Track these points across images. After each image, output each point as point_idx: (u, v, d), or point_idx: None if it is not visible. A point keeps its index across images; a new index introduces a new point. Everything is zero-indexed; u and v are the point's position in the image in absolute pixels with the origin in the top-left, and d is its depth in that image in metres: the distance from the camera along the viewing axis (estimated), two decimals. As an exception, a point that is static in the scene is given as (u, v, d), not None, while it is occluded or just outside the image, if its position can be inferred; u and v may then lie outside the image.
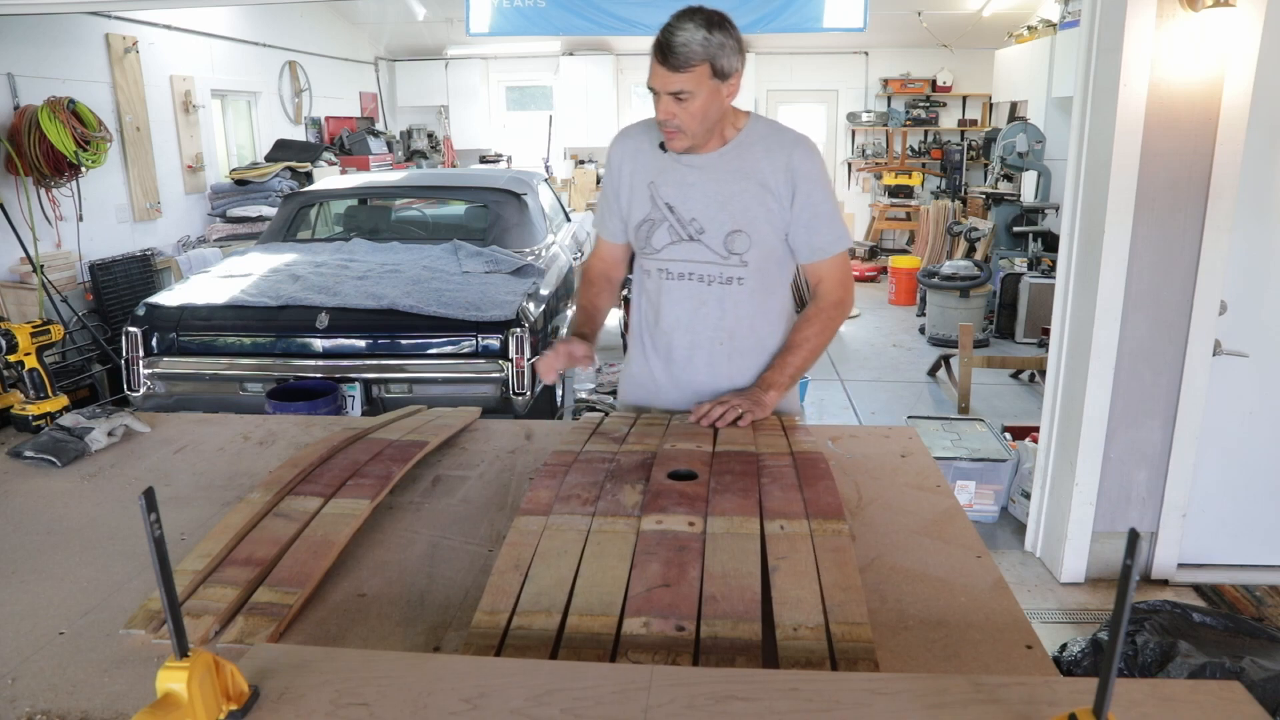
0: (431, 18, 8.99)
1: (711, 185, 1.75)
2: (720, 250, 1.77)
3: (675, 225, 1.78)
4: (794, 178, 1.74)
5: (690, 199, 1.76)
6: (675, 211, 1.78)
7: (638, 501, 1.31)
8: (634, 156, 1.83)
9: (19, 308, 4.75)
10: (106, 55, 5.65)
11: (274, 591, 1.13)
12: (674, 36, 1.60)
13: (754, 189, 1.74)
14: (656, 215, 1.79)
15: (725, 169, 1.75)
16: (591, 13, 5.69)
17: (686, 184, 1.76)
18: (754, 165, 1.74)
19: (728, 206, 1.75)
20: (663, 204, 1.78)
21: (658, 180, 1.78)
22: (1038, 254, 6.81)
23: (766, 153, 1.75)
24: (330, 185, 5.36)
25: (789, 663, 0.95)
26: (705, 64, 1.62)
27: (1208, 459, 3.02)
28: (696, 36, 1.60)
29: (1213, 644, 2.29)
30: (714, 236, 1.76)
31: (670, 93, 1.63)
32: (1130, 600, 0.69)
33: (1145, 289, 2.85)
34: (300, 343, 3.64)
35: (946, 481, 1.54)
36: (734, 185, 1.75)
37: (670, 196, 1.77)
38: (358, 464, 1.50)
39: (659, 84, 1.64)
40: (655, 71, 1.63)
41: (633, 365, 1.97)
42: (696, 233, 1.77)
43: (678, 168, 1.77)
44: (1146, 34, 2.66)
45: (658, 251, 1.81)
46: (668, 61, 1.60)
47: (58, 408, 1.83)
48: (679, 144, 1.71)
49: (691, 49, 1.60)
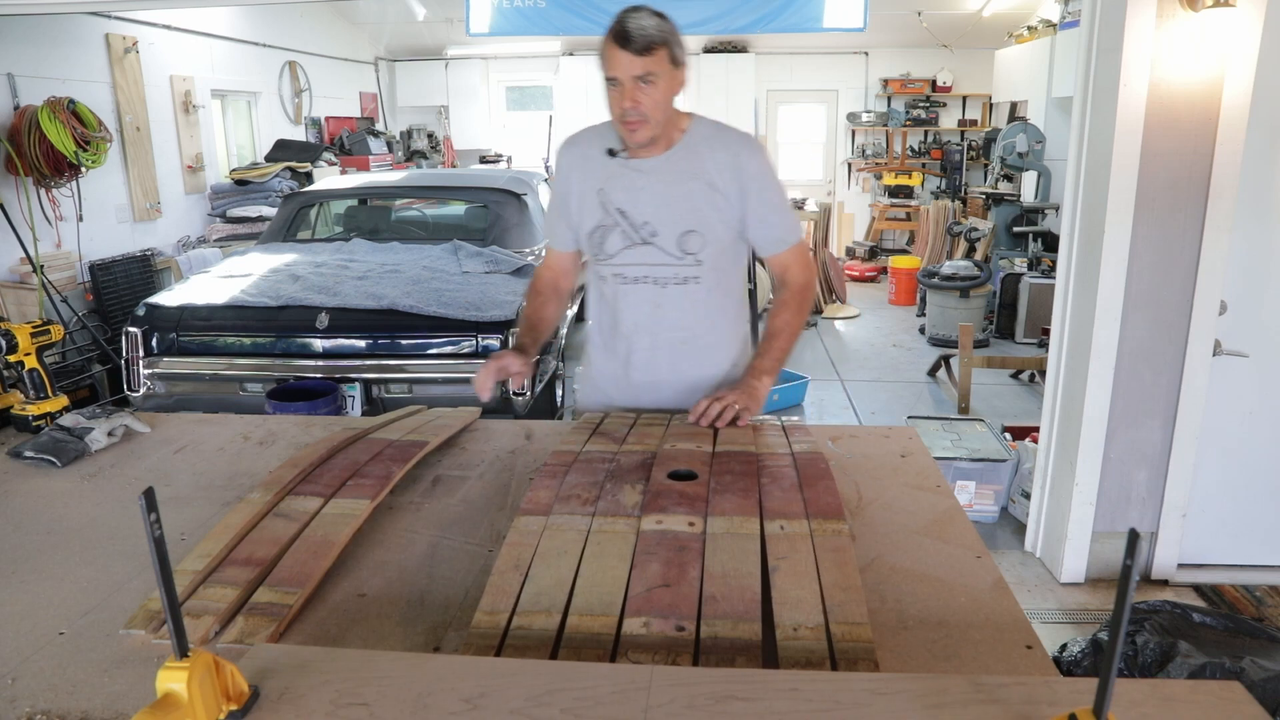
0: (431, 18, 8.99)
1: (661, 187, 1.77)
2: (674, 251, 1.79)
3: (628, 230, 1.80)
4: (742, 176, 1.77)
5: (641, 203, 1.78)
6: (627, 216, 1.79)
7: (638, 501, 1.31)
8: (581, 164, 1.84)
9: (19, 308, 4.75)
10: (106, 55, 5.65)
11: (274, 591, 1.13)
12: (630, 23, 1.62)
13: (703, 188, 1.77)
14: (608, 221, 1.80)
15: (674, 170, 1.77)
16: (591, 13, 5.70)
17: (636, 188, 1.78)
18: (701, 165, 1.77)
19: (679, 207, 1.77)
20: (614, 209, 1.80)
21: (607, 186, 1.80)
22: (1038, 254, 6.81)
23: (712, 152, 1.78)
24: (330, 185, 5.36)
25: (789, 663, 0.95)
26: (664, 48, 1.65)
27: (1208, 459, 3.02)
28: (651, 22, 1.64)
29: (1213, 644, 2.29)
30: (667, 238, 1.78)
31: (635, 77, 1.64)
32: (1130, 600, 0.69)
33: (1145, 289, 2.85)
34: (300, 343, 3.64)
35: (946, 481, 1.54)
36: (684, 186, 1.77)
37: (621, 202, 1.79)
38: (358, 464, 1.50)
39: (623, 70, 1.64)
40: (616, 59, 1.64)
41: (593, 369, 2.00)
42: (649, 236, 1.79)
43: (626, 173, 1.79)
44: (1146, 34, 2.66)
45: (612, 257, 1.82)
46: (630, 45, 1.62)
47: (58, 408, 1.83)
48: (643, 134, 1.70)
49: (650, 33, 1.63)
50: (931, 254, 8.78)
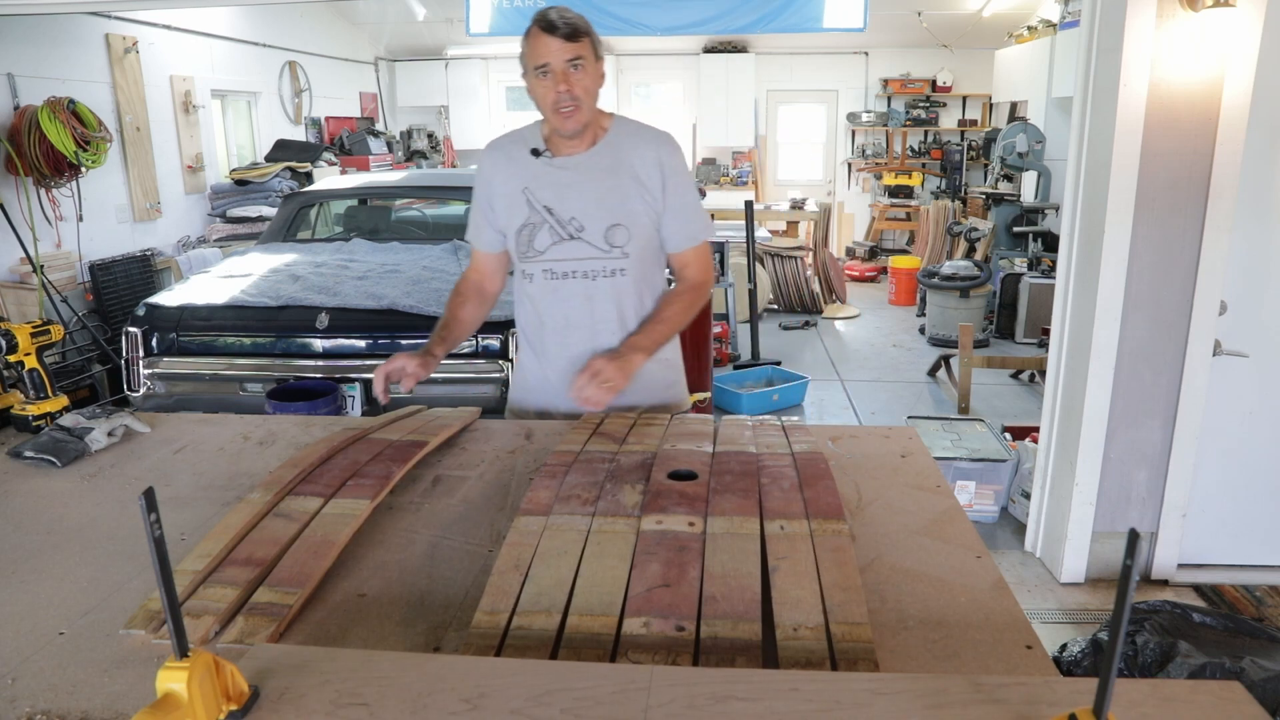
0: (431, 18, 8.99)
1: (587, 183, 1.83)
2: (602, 245, 1.84)
3: (555, 226, 1.84)
4: (664, 171, 1.84)
5: (567, 199, 1.83)
6: (554, 213, 1.84)
7: (638, 501, 1.31)
8: (505, 165, 1.89)
9: (19, 308, 4.75)
10: (106, 55, 5.65)
11: (274, 591, 1.13)
12: (553, 14, 1.71)
13: (628, 183, 1.83)
14: (536, 219, 1.85)
15: (598, 166, 1.84)
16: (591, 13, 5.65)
17: (562, 184, 1.84)
18: (624, 160, 1.83)
19: (605, 201, 1.83)
20: (540, 207, 1.84)
21: (532, 185, 1.85)
22: (1038, 254, 6.82)
23: (634, 148, 1.85)
24: (330, 185, 5.36)
25: (789, 663, 0.95)
26: (588, 36, 1.74)
27: (1208, 459, 3.02)
28: (573, 14, 1.73)
29: (1213, 644, 2.29)
30: (594, 232, 1.83)
31: (566, 61, 1.71)
32: (1130, 600, 0.69)
33: (1145, 289, 2.85)
34: (300, 343, 3.64)
35: (946, 482, 1.54)
36: (608, 181, 1.83)
37: (547, 199, 1.84)
38: (358, 464, 1.50)
39: (553, 56, 1.70)
40: (545, 46, 1.71)
41: (525, 371, 2.03)
42: (577, 231, 1.84)
43: (551, 170, 1.85)
44: (1146, 34, 2.66)
45: (541, 253, 1.87)
46: (557, 32, 1.69)
47: (58, 408, 1.83)
48: (576, 120, 1.77)
49: (574, 21, 1.72)
50: (931, 254, 8.78)
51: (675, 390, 2.05)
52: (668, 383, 2.02)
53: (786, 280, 7.59)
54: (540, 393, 1.99)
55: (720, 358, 5.86)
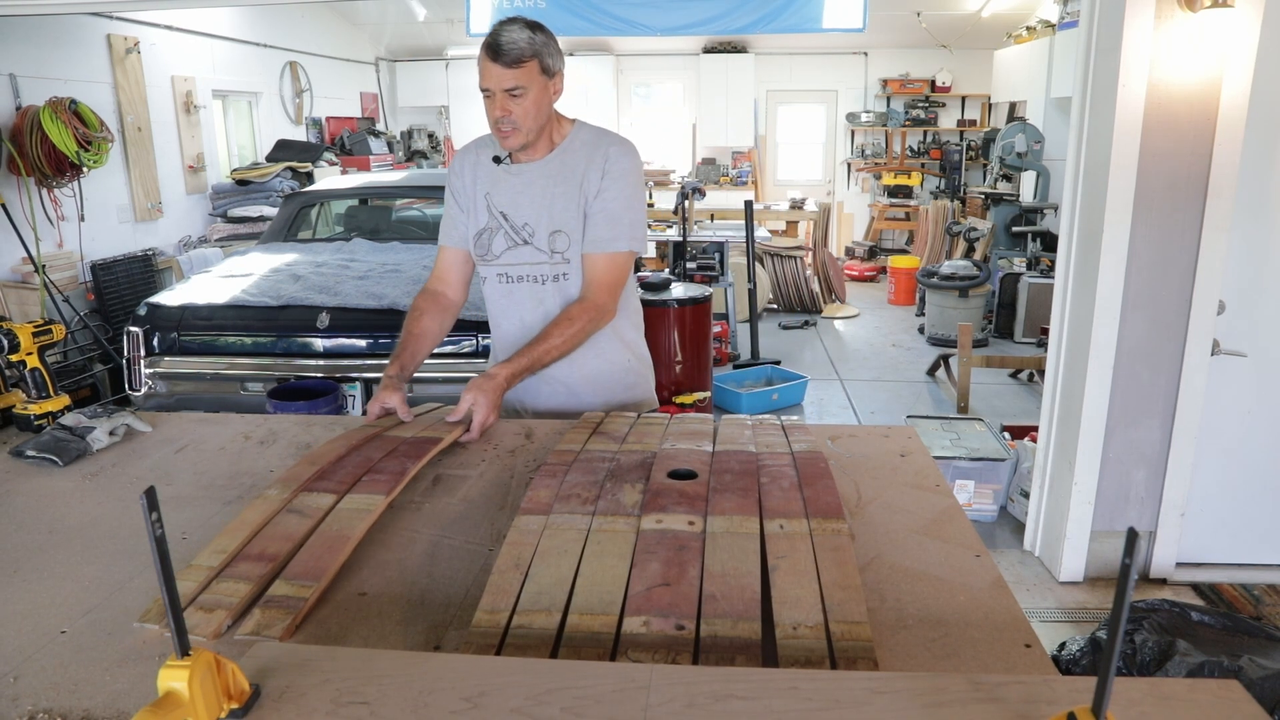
0: (432, 18, 9.00)
1: (537, 190, 1.89)
2: (546, 250, 1.91)
3: (509, 231, 1.92)
4: (604, 175, 1.87)
5: (520, 205, 1.90)
6: (508, 219, 1.91)
7: (638, 501, 1.31)
8: (471, 170, 1.96)
9: (21, 307, 4.76)
10: (108, 56, 5.66)
11: (290, 585, 1.13)
12: (502, 37, 1.72)
13: (572, 191, 1.88)
14: (493, 224, 1.93)
15: (549, 174, 1.89)
16: (591, 13, 5.69)
17: (516, 191, 1.90)
18: (574, 168, 1.88)
19: (550, 209, 1.89)
20: (497, 213, 1.92)
21: (492, 191, 1.92)
22: (1036, 254, 6.82)
23: (588, 156, 1.89)
24: (331, 185, 5.36)
25: (788, 661, 0.95)
26: (534, 60, 1.75)
27: (1206, 458, 3.02)
28: (523, 36, 1.74)
29: (1211, 643, 2.29)
30: (541, 238, 1.91)
31: (505, 89, 1.75)
32: (1129, 599, 0.69)
33: (1144, 288, 2.86)
34: (301, 342, 3.64)
35: (946, 481, 1.54)
36: (555, 189, 1.88)
37: (503, 205, 1.91)
38: (371, 460, 1.51)
39: (493, 82, 1.75)
40: (488, 71, 1.75)
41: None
42: (528, 236, 1.91)
43: (508, 177, 1.91)
44: (1145, 34, 2.66)
45: (497, 257, 1.94)
46: (500, 59, 1.72)
47: (59, 407, 1.83)
48: (514, 141, 1.82)
49: (520, 46, 1.73)
50: (931, 254, 8.78)
51: (638, 390, 2.08)
52: (627, 384, 2.05)
53: (786, 280, 7.59)
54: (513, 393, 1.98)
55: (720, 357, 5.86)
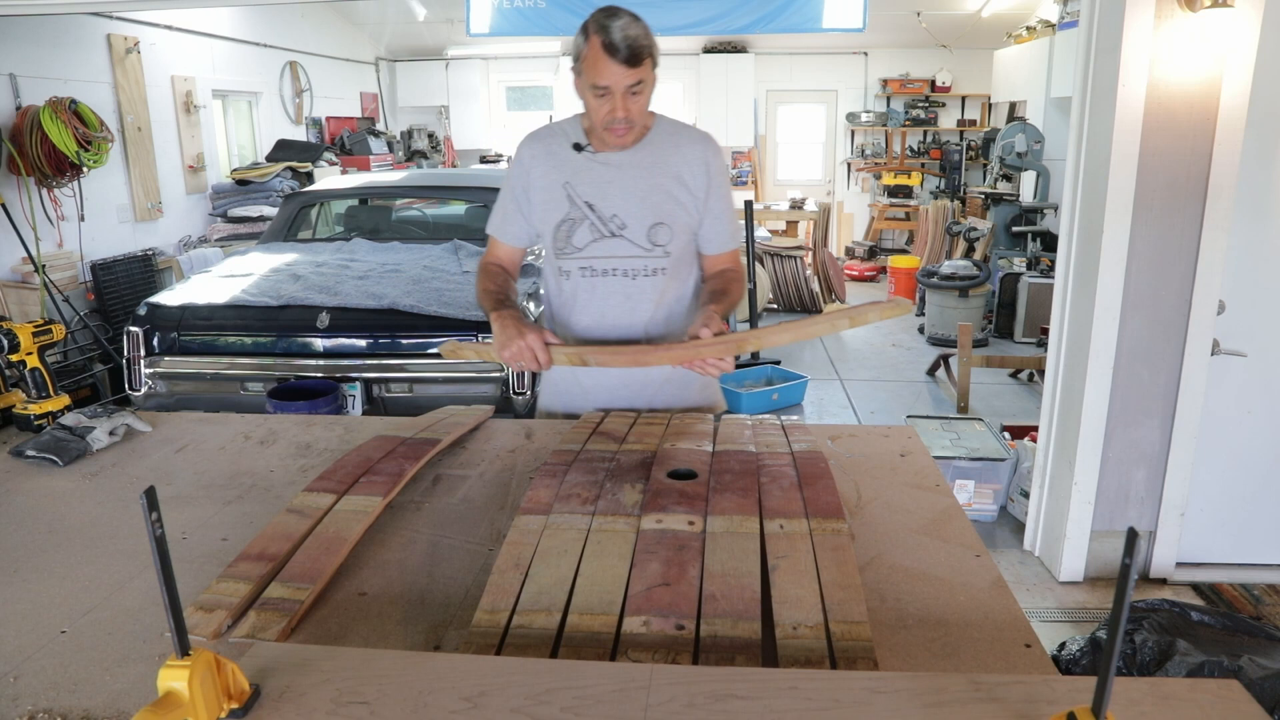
0: (432, 18, 8.99)
1: (629, 181, 1.80)
2: (644, 243, 1.81)
3: (596, 223, 1.82)
4: (709, 172, 1.83)
5: (609, 195, 1.80)
6: (595, 209, 1.81)
7: (638, 501, 1.31)
8: (545, 158, 1.86)
9: (21, 307, 4.76)
10: (108, 56, 5.65)
11: (286, 587, 1.14)
12: (617, 34, 1.63)
13: (670, 182, 1.81)
14: (576, 214, 1.82)
15: (641, 164, 1.81)
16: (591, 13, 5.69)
17: (604, 181, 1.80)
18: (667, 159, 1.81)
19: (648, 200, 1.80)
20: (581, 202, 1.81)
21: (573, 180, 1.82)
22: (1036, 254, 6.82)
23: (677, 148, 1.82)
24: (331, 185, 5.36)
25: (788, 661, 0.95)
26: (650, 56, 1.68)
27: (1206, 458, 3.02)
28: (638, 29, 1.66)
29: (1211, 643, 2.29)
30: (636, 230, 1.81)
31: (626, 86, 1.67)
32: (1129, 599, 0.69)
33: (1144, 288, 2.86)
34: (301, 342, 3.64)
35: (945, 481, 1.54)
36: (651, 179, 1.80)
37: (589, 195, 1.81)
38: (370, 461, 1.51)
39: (614, 81, 1.66)
40: (608, 70, 1.65)
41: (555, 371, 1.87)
42: (618, 228, 1.81)
43: (593, 166, 1.81)
44: (1145, 34, 2.66)
45: (580, 250, 1.83)
46: (619, 56, 1.63)
47: (59, 407, 1.83)
48: (629, 139, 1.76)
49: (641, 42, 1.65)
50: (931, 254, 8.78)
51: (710, 390, 1.99)
52: (704, 383, 1.96)
53: (786, 280, 7.59)
54: (570, 395, 1.95)
55: (720, 357, 5.84)
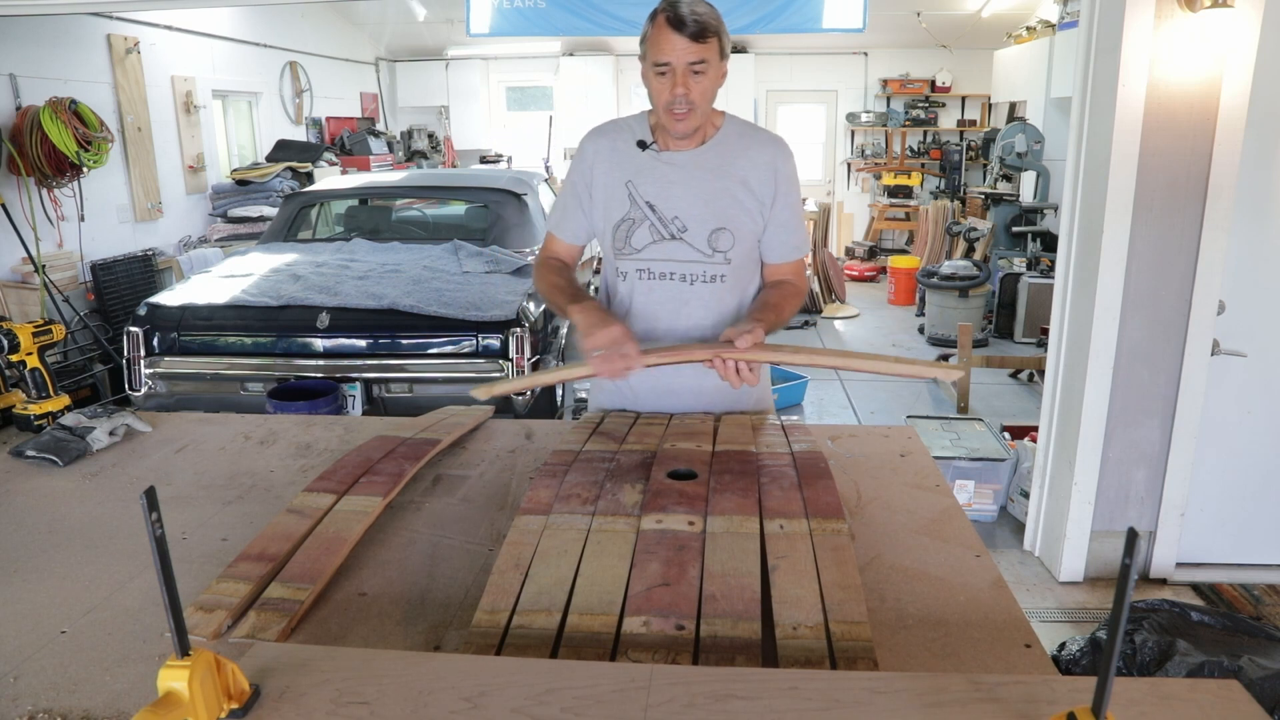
0: (432, 18, 8.99)
1: (693, 183, 1.72)
2: (704, 248, 1.73)
3: (656, 224, 1.74)
4: (777, 178, 1.74)
5: (672, 197, 1.73)
6: (656, 210, 1.73)
7: (638, 501, 1.31)
8: (609, 155, 1.77)
9: (21, 307, 4.76)
10: (108, 56, 5.65)
11: (285, 587, 1.14)
12: (683, 7, 1.58)
13: (735, 186, 1.73)
14: (636, 214, 1.74)
15: (706, 166, 1.73)
16: (591, 13, 5.70)
17: (667, 181, 1.73)
18: (734, 163, 1.73)
19: (711, 204, 1.72)
20: (643, 202, 1.74)
21: (636, 179, 1.74)
22: (1036, 254, 6.82)
23: (745, 151, 1.74)
24: (331, 185, 5.36)
25: (788, 661, 0.95)
26: (717, 36, 1.61)
27: (1206, 458, 3.02)
28: (705, 7, 1.60)
29: (1211, 643, 2.29)
30: (697, 234, 1.73)
31: (689, 63, 1.59)
32: (1129, 599, 0.69)
33: (1144, 289, 2.86)
34: (301, 342, 3.64)
35: (945, 481, 1.54)
36: (716, 183, 1.72)
37: (651, 195, 1.73)
38: (370, 461, 1.51)
39: (676, 56, 1.59)
40: (669, 43, 1.59)
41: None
42: (679, 231, 1.73)
43: (657, 165, 1.74)
44: (1145, 34, 2.66)
45: (638, 251, 1.76)
46: (684, 29, 1.57)
47: (59, 407, 1.83)
48: (689, 123, 1.66)
49: (706, 18, 1.59)
50: (931, 254, 8.78)
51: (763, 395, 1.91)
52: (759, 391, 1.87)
53: (786, 280, 7.58)
54: (617, 395, 1.87)
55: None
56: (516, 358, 3.55)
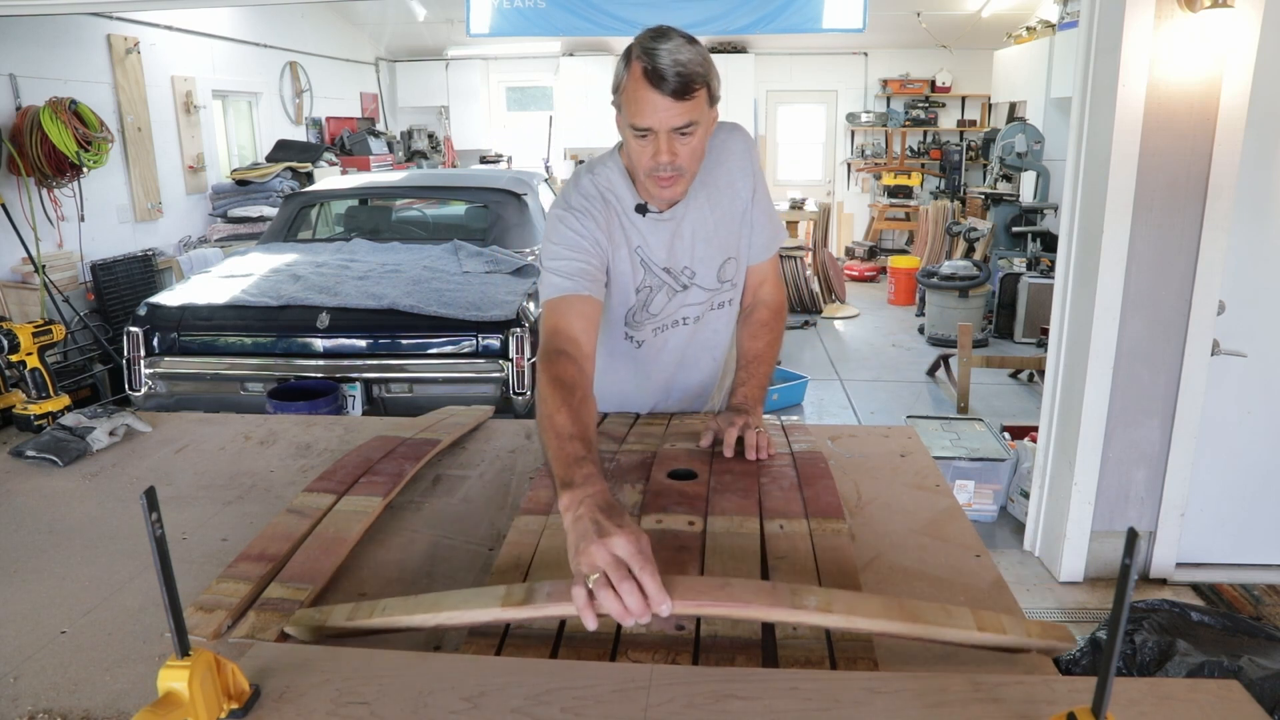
0: (432, 18, 8.99)
1: (696, 227, 1.60)
2: (714, 284, 1.66)
3: (670, 284, 1.64)
4: (752, 171, 1.64)
5: (677, 251, 1.61)
6: (670, 272, 1.63)
7: (638, 501, 1.31)
8: (618, 225, 1.58)
9: (21, 307, 4.76)
10: (108, 56, 5.65)
11: (285, 587, 1.14)
12: (663, 59, 1.33)
13: (726, 203, 1.63)
14: (653, 281, 1.62)
15: (701, 204, 1.60)
16: (591, 13, 5.70)
17: (670, 237, 1.60)
18: (719, 182, 1.61)
19: (713, 240, 1.62)
20: (658, 269, 1.61)
21: (645, 244, 1.59)
22: (1036, 254, 6.82)
23: (722, 160, 1.60)
24: (331, 185, 5.36)
25: (788, 661, 0.95)
26: (704, 87, 1.39)
27: (1206, 458, 3.02)
28: (689, 54, 1.36)
29: (1211, 643, 2.29)
30: (707, 275, 1.65)
31: (673, 128, 1.37)
32: (1129, 599, 0.69)
33: (1144, 289, 2.86)
34: (301, 342, 3.64)
35: (945, 481, 1.54)
36: (713, 216, 1.61)
37: (661, 260, 1.61)
38: (370, 461, 1.51)
39: (659, 120, 1.37)
40: (651, 105, 1.36)
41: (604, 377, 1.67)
42: (689, 279, 1.64)
43: (657, 227, 1.59)
44: (1145, 34, 2.66)
45: (654, 316, 1.66)
46: (666, 88, 1.34)
47: (59, 407, 1.83)
48: (677, 191, 1.49)
49: (691, 70, 1.35)
50: (931, 254, 8.78)
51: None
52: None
53: (786, 280, 7.59)
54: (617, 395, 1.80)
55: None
56: (516, 358, 3.55)
